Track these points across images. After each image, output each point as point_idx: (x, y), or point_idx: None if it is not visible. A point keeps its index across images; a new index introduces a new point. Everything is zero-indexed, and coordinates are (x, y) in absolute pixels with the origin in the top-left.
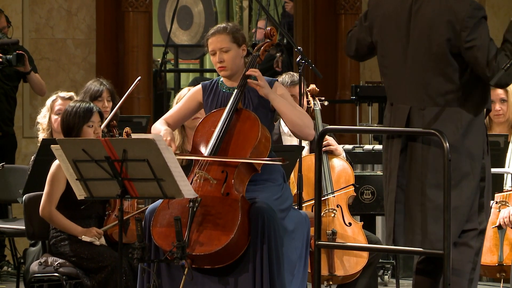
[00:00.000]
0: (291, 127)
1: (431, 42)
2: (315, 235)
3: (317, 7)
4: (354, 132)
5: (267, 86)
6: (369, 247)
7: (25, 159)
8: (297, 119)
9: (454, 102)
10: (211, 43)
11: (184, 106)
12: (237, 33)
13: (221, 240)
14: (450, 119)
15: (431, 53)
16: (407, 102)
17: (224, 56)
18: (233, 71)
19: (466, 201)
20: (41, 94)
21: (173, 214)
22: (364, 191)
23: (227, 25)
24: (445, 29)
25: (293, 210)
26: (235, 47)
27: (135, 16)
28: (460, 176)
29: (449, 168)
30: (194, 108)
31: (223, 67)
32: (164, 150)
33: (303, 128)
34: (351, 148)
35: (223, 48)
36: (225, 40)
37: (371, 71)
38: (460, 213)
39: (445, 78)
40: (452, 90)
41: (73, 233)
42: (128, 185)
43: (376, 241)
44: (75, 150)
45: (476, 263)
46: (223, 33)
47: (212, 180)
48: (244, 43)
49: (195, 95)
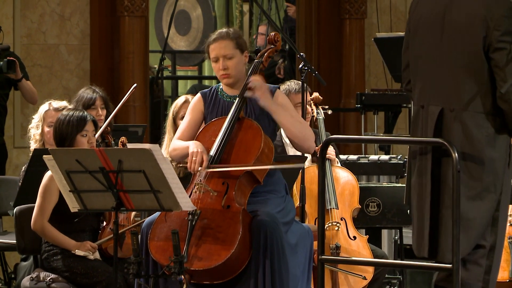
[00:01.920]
0: (291, 140)
1: (466, 40)
2: (319, 249)
3: (321, 12)
4: (359, 142)
5: (267, 97)
6: (375, 261)
7: (16, 170)
8: (298, 132)
9: (484, 107)
10: (213, 49)
11: (191, 119)
12: (240, 39)
13: (221, 254)
14: (478, 126)
15: (465, 51)
16: (439, 104)
17: (228, 63)
18: (237, 79)
19: (484, 214)
20: (32, 102)
21: (171, 227)
22: (369, 204)
23: (229, 31)
24: (480, 27)
25: (296, 223)
26: (238, 54)
27: (131, 20)
28: (482, 187)
29: (458, 180)
30: (201, 118)
31: (227, 74)
32: (161, 161)
33: (303, 141)
34: (356, 158)
35: (226, 54)
36: (229, 46)
37: (377, 78)
38: (478, 224)
39: (477, 79)
40: (483, 93)
41: (66, 247)
42: (123, 197)
43: (382, 255)
44: (68, 161)
45: (487, 282)
46: (226, 39)
47: (212, 192)
48: (247, 49)
49: (196, 105)
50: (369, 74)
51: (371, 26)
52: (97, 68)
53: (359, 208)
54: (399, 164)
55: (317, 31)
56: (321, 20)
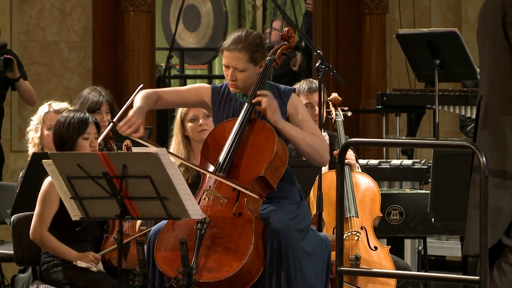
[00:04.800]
0: (303, 155)
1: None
2: (337, 260)
3: (339, 6)
4: (380, 146)
5: (276, 112)
6: (397, 273)
7: (13, 176)
8: (309, 148)
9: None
10: (226, 56)
11: (185, 92)
12: (256, 52)
13: (232, 265)
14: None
15: (488, 35)
16: (480, 91)
17: (238, 75)
18: (245, 89)
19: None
20: (30, 103)
21: (178, 237)
22: (391, 212)
23: (247, 39)
24: (500, 6)
25: (312, 232)
26: (251, 67)
27: (136, 16)
28: (506, 176)
29: (485, 186)
30: (193, 102)
31: (235, 85)
32: (169, 166)
33: (316, 157)
34: (376, 163)
35: (238, 68)
36: (242, 60)
37: (399, 78)
38: (503, 214)
39: (499, 62)
40: (507, 75)
41: (67, 258)
42: (128, 204)
43: (405, 267)
44: (69, 165)
45: None
46: (241, 51)
47: (223, 198)
48: (263, 59)
49: (202, 91)
50: (391, 73)
51: (393, 21)
52: (100, 67)
53: (380, 216)
54: (423, 169)
55: (335, 27)
56: (339, 15)
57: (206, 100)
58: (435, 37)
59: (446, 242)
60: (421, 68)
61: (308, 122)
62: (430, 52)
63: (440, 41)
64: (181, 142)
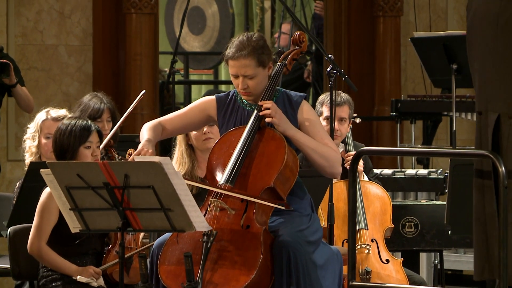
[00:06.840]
0: (314, 166)
1: None
2: (349, 275)
3: (351, 8)
4: (395, 155)
5: (283, 121)
6: None
7: (10, 186)
8: (321, 159)
9: None
10: (232, 66)
11: (189, 114)
12: (262, 54)
13: (239, 280)
14: None
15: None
16: (497, 110)
17: (249, 83)
18: (258, 95)
19: None
20: (28, 110)
21: (183, 250)
22: (406, 224)
23: (250, 42)
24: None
25: (323, 245)
26: (261, 71)
27: (139, 18)
28: None
29: (505, 197)
30: (200, 120)
31: (248, 93)
32: (172, 175)
33: (327, 169)
34: (391, 173)
35: (248, 75)
36: (250, 66)
37: (414, 83)
38: None
39: None
40: None
41: (67, 273)
42: (130, 216)
43: (420, 281)
44: (69, 175)
45: None
46: (247, 57)
47: (230, 210)
48: (270, 60)
49: (206, 106)
50: (406, 78)
51: (408, 24)
52: (101, 72)
53: (392, 227)
54: (439, 179)
55: (347, 30)
56: (351, 18)
57: (211, 114)
58: (452, 41)
59: (464, 255)
60: (437, 73)
61: (320, 131)
62: (447, 57)
63: (457, 45)
64: (185, 151)
